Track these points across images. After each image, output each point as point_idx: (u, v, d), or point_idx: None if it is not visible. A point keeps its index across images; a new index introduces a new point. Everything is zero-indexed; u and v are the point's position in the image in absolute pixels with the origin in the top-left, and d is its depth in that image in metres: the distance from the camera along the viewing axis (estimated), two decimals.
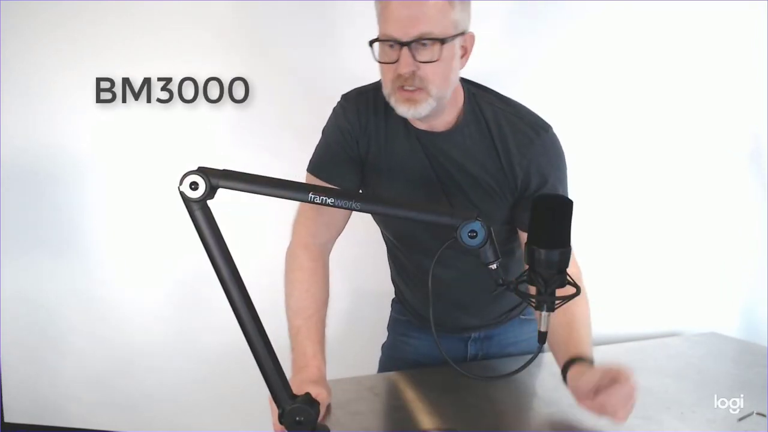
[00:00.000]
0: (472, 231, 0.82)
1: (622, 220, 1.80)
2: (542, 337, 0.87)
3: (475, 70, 1.13)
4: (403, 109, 1.02)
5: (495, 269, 0.86)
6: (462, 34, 1.02)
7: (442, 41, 0.97)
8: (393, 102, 1.03)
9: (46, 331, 1.91)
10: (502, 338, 1.37)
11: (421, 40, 0.96)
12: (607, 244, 1.75)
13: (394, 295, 1.47)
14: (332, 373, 1.16)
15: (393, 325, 1.47)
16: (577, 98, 1.72)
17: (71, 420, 1.95)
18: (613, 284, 1.79)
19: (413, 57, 0.97)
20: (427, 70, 0.98)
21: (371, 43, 1.01)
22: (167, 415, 1.93)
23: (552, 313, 0.86)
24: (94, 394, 1.93)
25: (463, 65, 1.06)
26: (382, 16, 0.99)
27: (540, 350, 0.88)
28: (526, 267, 0.86)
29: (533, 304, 0.87)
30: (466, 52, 1.05)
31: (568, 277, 0.85)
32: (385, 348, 1.46)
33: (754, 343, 1.62)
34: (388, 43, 0.99)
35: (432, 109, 1.02)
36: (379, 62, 1.02)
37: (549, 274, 0.83)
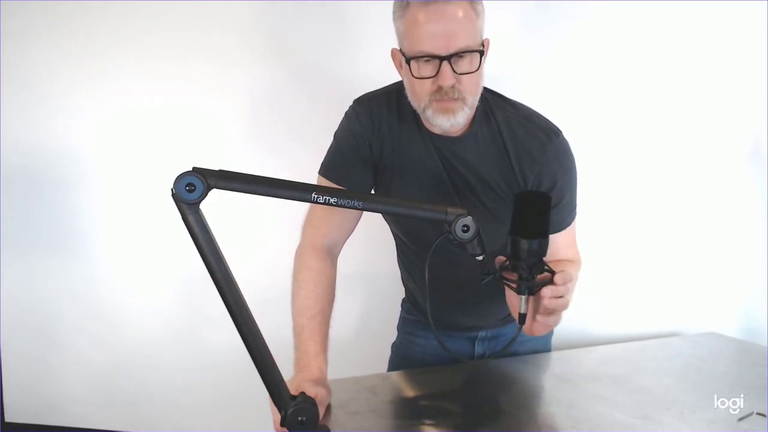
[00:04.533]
0: (465, 226, 0.87)
1: (622, 220, 1.80)
2: (522, 318, 0.94)
3: None
4: (441, 120, 1.03)
5: (482, 260, 0.91)
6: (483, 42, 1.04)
7: (481, 52, 1.00)
8: (429, 114, 1.04)
9: (46, 330, 1.91)
10: (509, 338, 1.38)
11: (460, 53, 0.98)
12: (608, 244, 1.75)
13: (404, 295, 1.48)
14: (343, 371, 1.17)
15: (402, 324, 1.48)
16: (576, 99, 1.72)
17: (71, 420, 1.95)
18: (614, 284, 1.79)
19: (453, 70, 0.98)
20: (466, 81, 1.00)
21: (407, 60, 1.01)
22: (167, 415, 1.93)
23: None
24: (94, 393, 1.93)
25: None
26: (412, 33, 0.99)
27: (520, 330, 0.96)
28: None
29: (514, 288, 0.93)
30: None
31: (545, 265, 0.93)
32: (395, 347, 1.48)
33: (754, 343, 1.62)
34: (424, 59, 0.99)
35: (467, 117, 1.05)
36: (416, 78, 1.01)
37: (531, 261, 0.91)
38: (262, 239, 1.78)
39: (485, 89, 1.14)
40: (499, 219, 1.12)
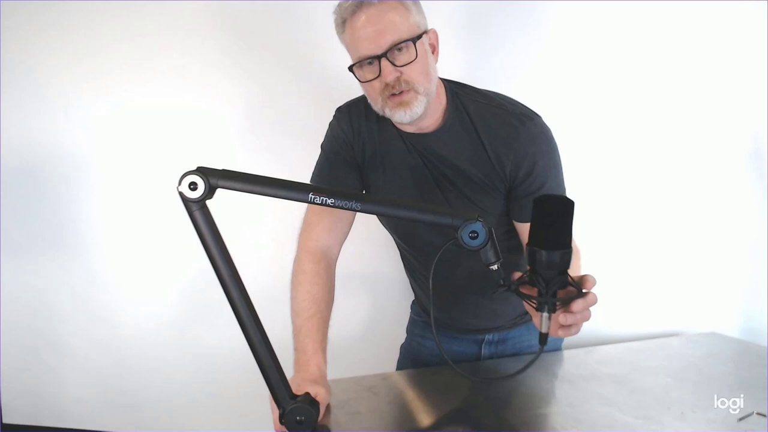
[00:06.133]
0: (473, 232, 0.83)
1: (622, 220, 1.80)
2: (543, 338, 0.86)
3: (470, 75, 1.13)
4: (399, 115, 1.06)
5: (496, 270, 0.85)
6: (425, 32, 1.07)
7: (414, 40, 1.03)
8: (388, 112, 1.07)
9: (45, 332, 1.91)
10: (516, 341, 1.38)
11: (395, 47, 1.02)
12: (607, 244, 1.74)
13: (413, 297, 1.49)
14: (352, 371, 1.17)
15: (411, 326, 1.50)
16: (575, 100, 1.72)
17: (71, 421, 1.95)
18: (614, 284, 1.78)
19: (393, 64, 1.03)
20: (409, 71, 1.04)
21: (350, 68, 1.07)
22: (168, 416, 1.92)
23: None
24: (94, 395, 1.93)
25: (435, 60, 1.11)
26: (352, 42, 1.06)
27: (541, 351, 0.87)
28: (528, 268, 0.85)
29: (533, 305, 0.86)
30: (434, 49, 1.11)
31: (569, 279, 0.84)
32: (403, 348, 1.49)
33: (754, 343, 1.62)
34: (367, 62, 1.04)
35: (425, 106, 1.07)
36: (364, 82, 1.07)
37: (550, 275, 0.82)
38: (263, 239, 1.77)
39: (455, 84, 1.18)
40: (486, 211, 1.13)
